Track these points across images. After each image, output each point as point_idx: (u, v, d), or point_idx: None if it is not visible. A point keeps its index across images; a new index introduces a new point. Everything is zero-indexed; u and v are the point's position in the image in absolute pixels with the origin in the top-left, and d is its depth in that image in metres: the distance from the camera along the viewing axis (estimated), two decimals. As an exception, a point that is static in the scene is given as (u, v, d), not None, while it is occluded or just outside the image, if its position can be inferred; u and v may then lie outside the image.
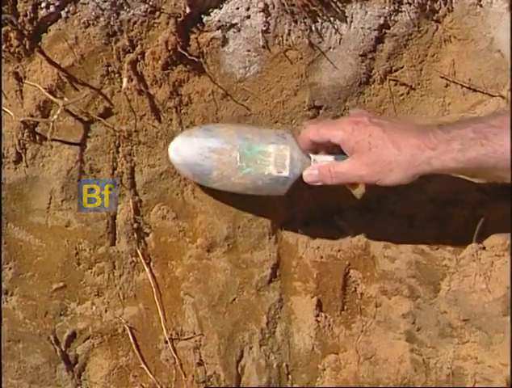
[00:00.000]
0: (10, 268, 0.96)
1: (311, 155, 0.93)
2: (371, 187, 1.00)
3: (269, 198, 0.99)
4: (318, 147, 0.92)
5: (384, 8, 0.95)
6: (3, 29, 0.87)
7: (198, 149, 0.93)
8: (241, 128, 0.95)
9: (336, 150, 0.90)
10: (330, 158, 0.92)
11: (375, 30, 0.96)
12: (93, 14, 0.89)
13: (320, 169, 0.91)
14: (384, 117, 0.92)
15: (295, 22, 0.94)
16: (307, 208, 1.04)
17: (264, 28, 0.94)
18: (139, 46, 0.93)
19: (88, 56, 0.91)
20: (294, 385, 1.06)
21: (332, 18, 0.95)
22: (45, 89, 0.90)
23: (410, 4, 0.96)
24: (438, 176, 1.02)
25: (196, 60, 0.94)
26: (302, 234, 1.05)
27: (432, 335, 1.03)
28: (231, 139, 0.93)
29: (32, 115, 0.91)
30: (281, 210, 1.03)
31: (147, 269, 1.00)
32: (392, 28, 0.97)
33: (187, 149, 0.94)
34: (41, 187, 0.95)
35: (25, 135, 0.92)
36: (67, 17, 0.89)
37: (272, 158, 0.93)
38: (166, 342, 1.01)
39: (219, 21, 0.93)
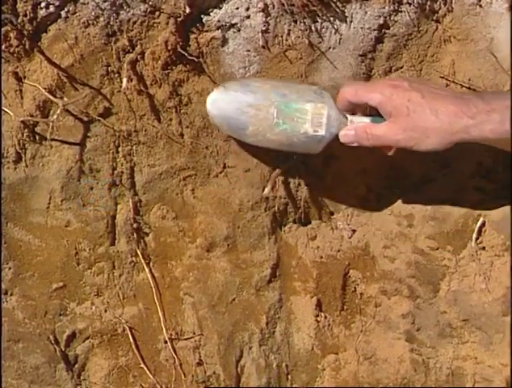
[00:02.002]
0: (10, 268, 0.96)
1: (348, 115, 0.92)
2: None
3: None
4: (355, 108, 0.92)
5: (384, 8, 0.95)
6: (3, 29, 0.87)
7: (236, 103, 0.92)
8: (278, 83, 0.94)
9: (373, 112, 0.89)
10: (367, 119, 0.91)
11: (374, 30, 0.96)
12: (93, 14, 0.89)
13: (357, 130, 0.90)
14: (424, 82, 0.91)
15: (295, 22, 0.94)
16: (307, 207, 1.04)
17: (264, 28, 0.94)
18: (139, 46, 0.92)
19: (88, 56, 0.91)
20: (293, 385, 1.06)
21: (332, 19, 0.95)
22: (45, 89, 0.90)
23: (410, 4, 0.96)
24: (438, 178, 1.03)
25: (196, 60, 0.94)
26: (302, 234, 1.05)
27: (432, 335, 1.03)
28: (269, 95, 0.92)
29: (32, 115, 0.91)
30: (281, 209, 1.03)
31: (147, 269, 1.00)
32: (391, 28, 0.97)
33: (225, 101, 0.92)
34: (41, 187, 0.95)
35: (25, 135, 0.92)
36: (67, 17, 0.89)
37: (309, 116, 0.92)
38: (166, 342, 1.01)
39: (218, 21, 0.93)
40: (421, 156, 1.00)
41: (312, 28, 0.95)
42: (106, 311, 1.00)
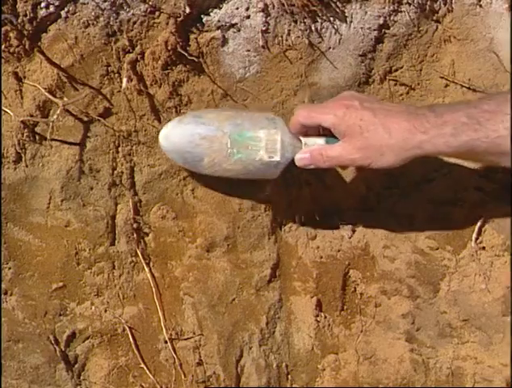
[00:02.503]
0: (10, 268, 0.96)
1: (302, 138, 0.92)
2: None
3: (269, 198, 0.99)
4: (309, 130, 0.92)
5: (384, 8, 0.95)
6: (3, 29, 0.87)
7: (188, 136, 0.92)
8: (230, 113, 0.94)
9: (327, 132, 0.90)
10: (321, 140, 0.91)
11: (374, 30, 0.96)
12: (92, 14, 0.89)
13: (312, 152, 0.91)
14: (375, 100, 0.92)
15: (295, 22, 0.94)
16: (307, 208, 1.04)
17: (264, 28, 0.94)
18: (139, 46, 0.93)
19: (88, 56, 0.91)
20: (293, 385, 1.06)
21: (332, 19, 0.95)
22: (45, 89, 0.90)
23: (410, 4, 0.96)
24: (438, 178, 1.03)
25: (196, 60, 0.94)
26: (302, 234, 1.05)
27: (432, 335, 1.03)
28: (221, 125, 0.92)
29: (32, 115, 0.91)
30: (281, 209, 1.03)
31: (146, 269, 1.00)
32: (391, 28, 0.97)
33: (178, 136, 0.93)
34: (41, 187, 0.95)
35: (25, 135, 0.92)
36: (67, 17, 0.89)
37: (263, 143, 0.92)
38: (166, 342, 1.01)
39: (218, 21, 0.93)
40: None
41: (312, 28, 0.95)
42: (106, 311, 0.99)
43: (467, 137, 0.82)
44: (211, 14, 0.93)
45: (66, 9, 0.89)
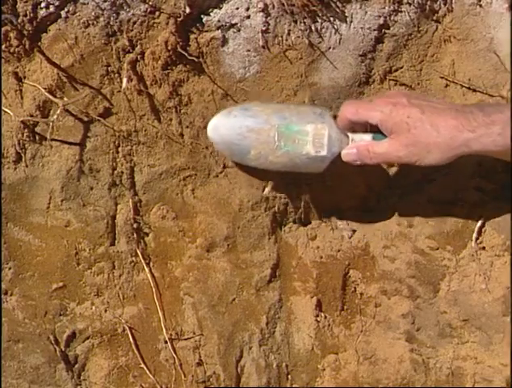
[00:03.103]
0: (10, 268, 0.96)
1: (349, 134, 0.92)
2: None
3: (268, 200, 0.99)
4: (356, 126, 0.92)
5: (384, 8, 0.95)
6: (3, 29, 0.87)
7: (236, 128, 0.93)
8: (278, 106, 0.95)
9: (374, 129, 0.90)
10: (368, 136, 0.91)
11: (374, 30, 0.96)
12: (92, 14, 0.89)
13: (358, 148, 0.90)
14: (423, 97, 0.91)
15: (295, 22, 0.94)
16: (307, 207, 1.04)
17: (264, 28, 0.94)
18: (139, 46, 0.93)
19: (88, 56, 0.91)
20: (293, 386, 1.06)
21: (332, 19, 0.95)
22: (45, 89, 0.90)
23: (410, 4, 0.96)
24: (438, 178, 1.03)
25: (196, 60, 0.94)
26: (302, 234, 1.05)
27: (432, 335, 1.03)
28: (269, 118, 0.93)
29: (32, 115, 0.91)
30: (281, 210, 1.03)
31: (147, 269, 1.00)
32: (391, 28, 0.97)
33: (226, 128, 0.94)
34: (41, 187, 0.95)
35: (25, 135, 0.92)
36: (67, 17, 0.89)
37: (310, 137, 0.92)
38: (166, 342, 1.01)
39: (219, 21, 0.93)
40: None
41: (312, 28, 0.95)
42: (106, 311, 1.00)
43: None
44: (212, 14, 0.93)
45: (66, 9, 0.89)
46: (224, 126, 0.94)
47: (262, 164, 0.95)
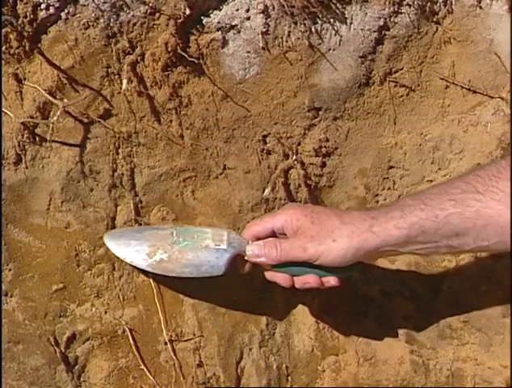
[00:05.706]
0: (10, 270, 0.96)
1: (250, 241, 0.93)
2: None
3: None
4: (261, 237, 0.92)
5: (384, 10, 0.95)
6: (3, 30, 0.87)
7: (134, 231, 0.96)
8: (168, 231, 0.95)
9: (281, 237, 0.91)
10: None
11: (374, 31, 0.96)
12: (93, 15, 0.89)
13: (266, 243, 0.91)
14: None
15: (295, 23, 0.94)
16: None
17: (264, 30, 0.94)
18: (139, 47, 0.93)
19: (88, 57, 0.91)
20: (294, 387, 1.06)
21: (332, 20, 0.95)
22: (45, 90, 0.90)
23: (410, 6, 0.96)
24: (437, 179, 1.02)
25: (196, 61, 0.94)
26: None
27: (432, 337, 1.03)
28: (166, 229, 0.95)
29: (32, 117, 0.91)
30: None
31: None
32: (391, 30, 0.97)
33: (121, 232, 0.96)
34: (41, 189, 0.95)
35: (25, 136, 0.92)
36: (67, 18, 0.89)
37: (209, 235, 0.93)
38: (166, 343, 1.01)
39: (219, 22, 0.93)
40: (419, 157, 1.01)
41: (312, 30, 0.95)
42: (106, 313, 0.99)
43: (416, 218, 0.82)
44: (212, 15, 0.93)
45: (66, 10, 0.89)
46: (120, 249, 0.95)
47: (158, 264, 0.93)
